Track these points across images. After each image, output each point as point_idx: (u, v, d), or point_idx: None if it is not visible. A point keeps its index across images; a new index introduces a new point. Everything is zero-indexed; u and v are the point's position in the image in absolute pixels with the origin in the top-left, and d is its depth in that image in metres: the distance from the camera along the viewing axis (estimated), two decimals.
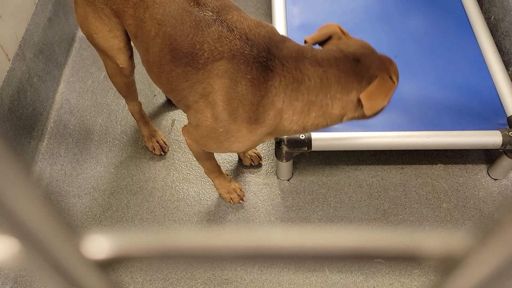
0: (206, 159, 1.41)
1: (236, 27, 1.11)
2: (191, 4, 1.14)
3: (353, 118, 1.14)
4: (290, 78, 1.07)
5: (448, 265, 0.27)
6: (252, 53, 1.08)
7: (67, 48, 2.04)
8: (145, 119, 1.71)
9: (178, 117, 1.84)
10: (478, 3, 1.93)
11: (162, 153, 1.73)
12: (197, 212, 1.60)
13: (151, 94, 1.91)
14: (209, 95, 1.11)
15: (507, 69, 1.76)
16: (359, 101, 1.08)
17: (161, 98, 1.90)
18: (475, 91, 1.65)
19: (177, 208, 1.61)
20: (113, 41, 1.33)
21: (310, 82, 1.06)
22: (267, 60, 1.07)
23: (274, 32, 1.15)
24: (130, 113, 1.85)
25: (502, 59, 1.75)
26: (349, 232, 0.28)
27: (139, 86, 1.79)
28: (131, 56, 1.41)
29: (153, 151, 1.74)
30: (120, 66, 1.41)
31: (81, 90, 1.93)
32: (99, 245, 0.28)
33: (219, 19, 1.12)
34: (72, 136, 1.79)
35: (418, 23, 1.86)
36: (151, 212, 1.60)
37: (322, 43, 1.16)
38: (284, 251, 0.28)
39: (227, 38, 1.10)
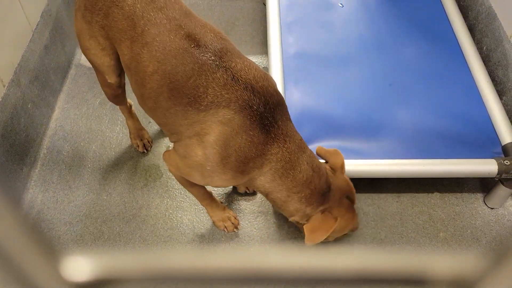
0: (190, 185, 1.40)
1: (241, 77, 1.13)
2: (192, 45, 1.15)
3: (297, 224, 1.35)
4: (287, 158, 1.18)
5: None
6: (259, 110, 1.13)
7: (63, 75, 2.04)
8: (134, 118, 1.77)
9: (173, 145, 1.83)
10: (470, 33, 1.96)
11: (145, 150, 1.81)
12: (191, 240, 1.57)
13: (146, 121, 1.90)
14: (205, 135, 1.14)
15: (501, 98, 1.78)
16: (308, 218, 1.27)
17: (155, 125, 1.89)
18: (470, 119, 1.66)
19: (170, 237, 1.58)
20: (105, 59, 1.37)
21: (298, 174, 1.20)
22: (271, 126, 1.15)
23: (276, 90, 1.20)
24: (124, 140, 1.84)
25: (495, 88, 1.76)
26: (350, 254, 0.26)
27: (136, 112, 1.78)
28: (120, 74, 1.45)
29: (137, 148, 1.81)
30: (109, 81, 1.45)
31: (76, 116, 1.92)
32: (82, 267, 0.26)
33: (223, 65, 1.14)
34: (65, 163, 1.77)
35: (412, 53, 1.89)
36: (143, 241, 1.57)
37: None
38: (281, 274, 0.27)
39: (233, 87, 1.12)
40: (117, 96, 1.57)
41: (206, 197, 1.49)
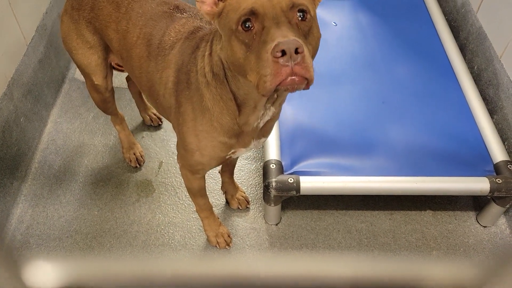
0: (198, 191, 1.38)
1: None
2: (171, 8, 1.21)
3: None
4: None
5: None
6: (205, 28, 1.12)
7: (56, 89, 2.04)
8: (126, 131, 1.76)
9: (166, 159, 1.82)
10: (462, 53, 1.99)
11: (138, 165, 1.78)
12: (182, 257, 1.55)
13: (139, 135, 1.90)
14: (168, 80, 1.13)
15: (492, 117, 1.79)
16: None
17: (148, 140, 1.89)
18: (462, 138, 1.67)
19: (161, 253, 1.56)
20: (92, 58, 1.38)
21: None
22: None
23: None
24: (117, 154, 1.83)
25: (487, 107, 1.78)
26: (346, 262, 0.26)
27: (129, 127, 1.78)
28: (106, 76, 1.45)
29: (129, 163, 1.79)
30: (96, 83, 1.45)
31: (68, 130, 1.91)
32: (47, 274, 0.25)
33: (193, 15, 1.19)
34: (56, 177, 1.76)
35: (404, 72, 1.91)
36: (134, 257, 1.55)
37: None
38: (275, 282, 0.26)
39: (193, 22, 1.15)
40: (106, 102, 1.55)
41: (207, 209, 1.48)
